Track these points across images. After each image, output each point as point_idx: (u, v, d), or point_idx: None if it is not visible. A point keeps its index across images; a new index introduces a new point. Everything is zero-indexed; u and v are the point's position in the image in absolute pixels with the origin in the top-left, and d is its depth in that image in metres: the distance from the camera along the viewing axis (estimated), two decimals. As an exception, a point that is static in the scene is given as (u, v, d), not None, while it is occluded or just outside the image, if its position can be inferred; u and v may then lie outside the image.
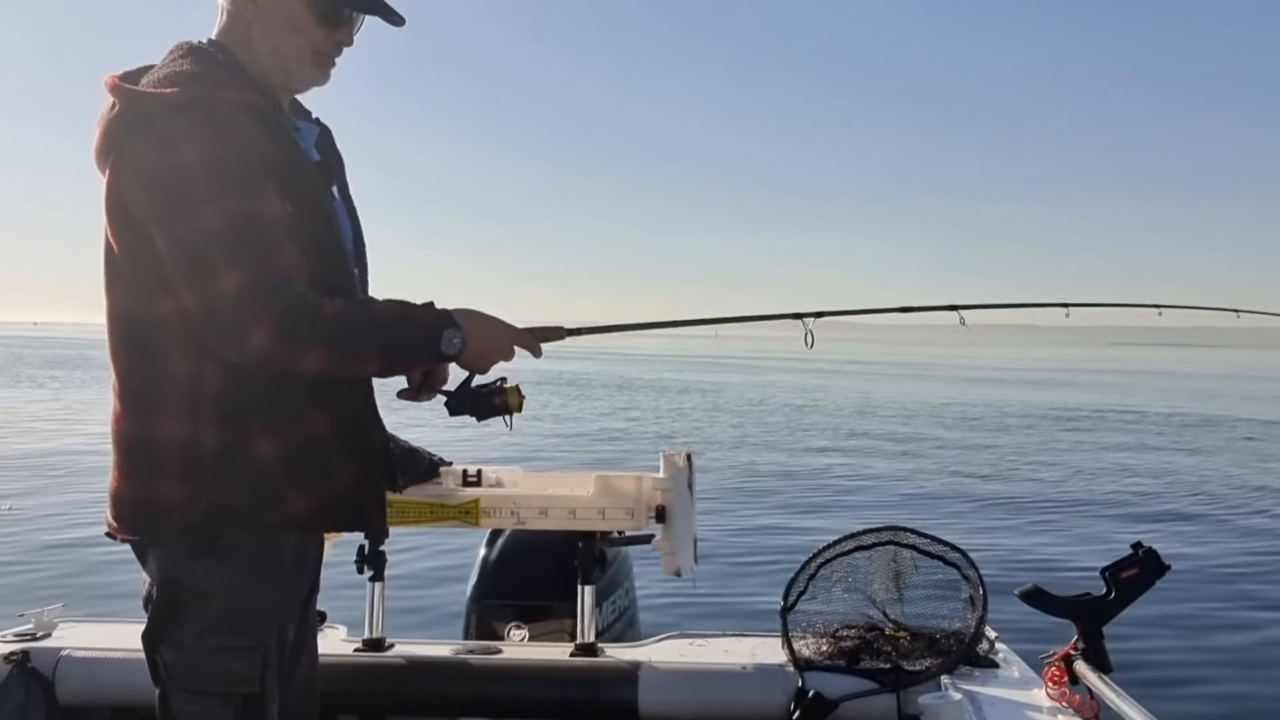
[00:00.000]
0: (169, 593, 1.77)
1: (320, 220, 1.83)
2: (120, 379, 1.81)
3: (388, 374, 1.88)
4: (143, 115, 1.73)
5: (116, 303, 1.80)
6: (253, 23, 1.85)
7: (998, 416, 25.20)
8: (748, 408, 26.28)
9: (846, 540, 2.69)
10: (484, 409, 2.01)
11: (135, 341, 1.78)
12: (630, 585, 3.28)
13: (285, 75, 1.88)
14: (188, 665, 1.77)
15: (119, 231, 1.76)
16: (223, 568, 1.76)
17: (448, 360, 1.91)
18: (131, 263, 1.76)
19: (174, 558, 1.77)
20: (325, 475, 1.84)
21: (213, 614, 1.76)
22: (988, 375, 39.31)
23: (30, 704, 2.51)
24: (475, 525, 2.65)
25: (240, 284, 1.66)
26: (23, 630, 2.68)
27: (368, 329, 1.77)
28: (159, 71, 1.79)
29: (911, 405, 28.03)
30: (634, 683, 2.50)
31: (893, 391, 34.95)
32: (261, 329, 1.66)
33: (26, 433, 17.28)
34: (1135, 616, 2.42)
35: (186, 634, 1.76)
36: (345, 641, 2.74)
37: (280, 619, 1.84)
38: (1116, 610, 2.35)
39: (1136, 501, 12.41)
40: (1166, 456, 17.38)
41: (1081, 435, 20.76)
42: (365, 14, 1.92)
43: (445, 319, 1.85)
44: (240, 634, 1.78)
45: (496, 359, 1.95)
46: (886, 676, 2.46)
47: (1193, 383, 42.79)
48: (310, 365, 1.73)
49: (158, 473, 1.76)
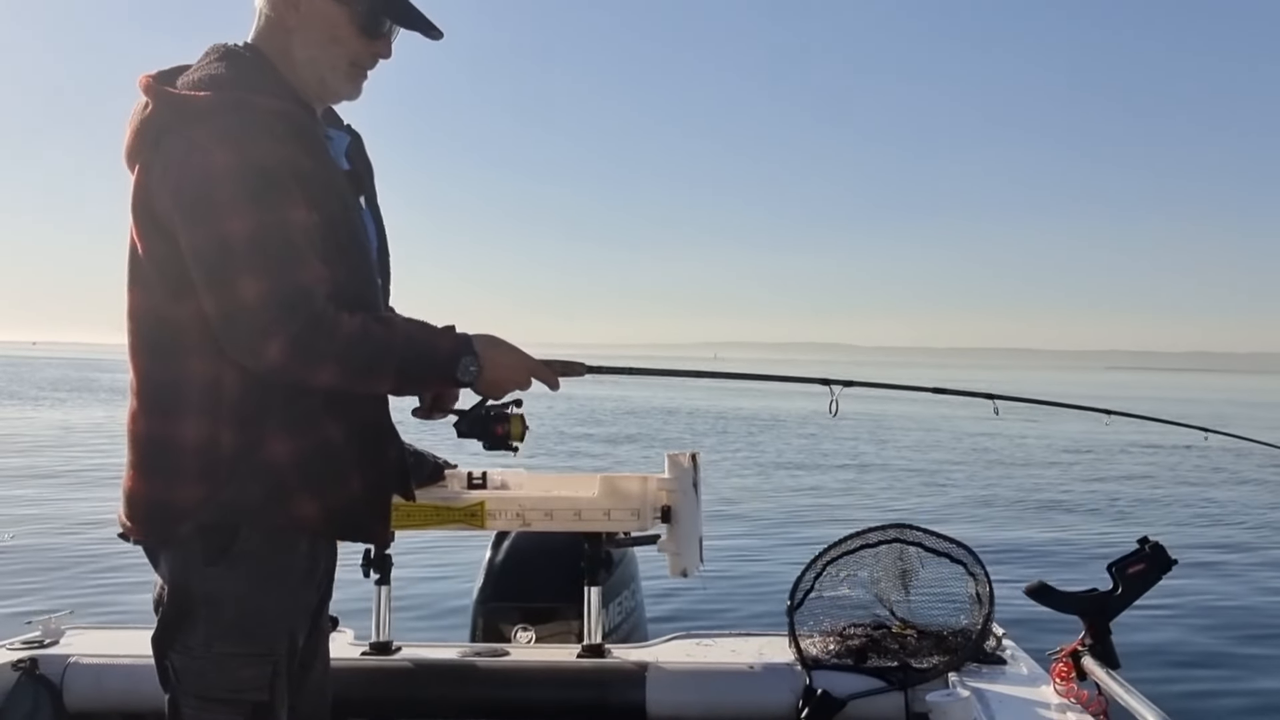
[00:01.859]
0: (180, 597, 1.77)
1: (346, 231, 1.82)
2: (139, 379, 1.81)
3: (400, 394, 1.88)
4: (176, 116, 1.72)
5: (138, 303, 1.80)
6: (294, 30, 1.84)
7: (996, 420, 25.16)
8: (756, 419, 26.27)
9: (853, 539, 2.69)
10: (490, 438, 1.99)
11: (156, 342, 1.78)
12: (637, 586, 3.27)
13: (321, 86, 1.87)
14: (197, 671, 1.76)
15: (144, 232, 1.76)
16: (234, 574, 1.75)
17: (462, 386, 1.90)
18: (155, 264, 1.75)
19: (186, 562, 1.77)
20: (336, 482, 1.83)
21: (223, 620, 1.75)
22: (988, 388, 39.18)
23: (38, 711, 2.51)
24: (481, 528, 2.65)
25: (260, 294, 1.66)
26: (31, 637, 2.68)
27: (385, 349, 1.76)
28: (194, 74, 1.78)
29: (916, 416, 28.01)
30: (642, 683, 2.50)
31: (895, 407, 34.93)
32: (277, 341, 1.66)
33: (34, 445, 17.31)
34: (1142, 610, 2.41)
35: (196, 640, 1.76)
36: (352, 645, 2.74)
37: (291, 626, 1.83)
38: (1124, 605, 2.34)
39: (1142, 498, 12.39)
40: (1171, 459, 17.36)
41: (1085, 438, 20.74)
42: (405, 28, 1.91)
43: (464, 346, 1.84)
44: (251, 641, 1.77)
45: (511, 389, 1.94)
46: (894, 675, 2.46)
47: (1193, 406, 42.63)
48: (323, 380, 1.73)
49: (175, 473, 1.76)
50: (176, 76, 1.79)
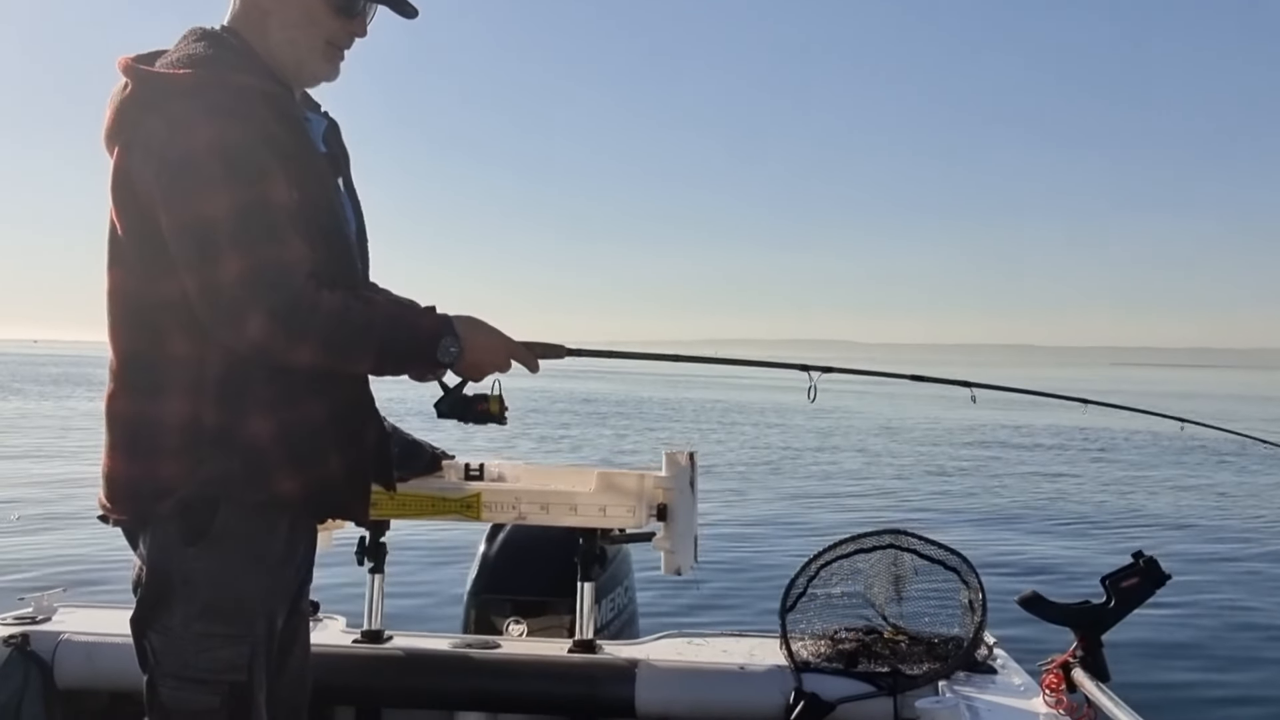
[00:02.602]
0: (158, 578, 1.77)
1: (326, 212, 1.83)
2: (120, 359, 1.80)
3: (380, 374, 1.87)
4: (157, 95, 1.72)
5: (119, 284, 1.80)
6: (270, 12, 1.85)
7: (994, 428, 25.19)
8: (750, 414, 26.28)
9: (847, 543, 2.69)
10: (470, 414, 2.00)
11: (137, 322, 1.78)
12: (630, 583, 3.28)
13: (299, 67, 1.88)
14: (175, 651, 1.76)
15: (124, 212, 1.76)
16: (211, 554, 1.75)
17: (442, 367, 1.90)
18: (136, 244, 1.75)
19: (165, 542, 1.76)
20: (315, 459, 1.83)
21: (201, 601, 1.75)
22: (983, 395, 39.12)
23: (29, 687, 2.52)
24: (477, 519, 2.65)
25: (241, 271, 1.66)
26: (23, 614, 2.69)
27: (366, 328, 1.76)
28: (173, 54, 1.79)
29: (910, 418, 28.00)
30: (631, 680, 2.50)
31: (887, 409, 34.92)
32: (257, 318, 1.66)
33: (33, 430, 17.32)
34: (1135, 625, 2.42)
35: (174, 620, 1.75)
36: (344, 633, 2.75)
37: (270, 608, 1.83)
38: (1116, 619, 2.34)
39: (1138, 511, 12.39)
40: (1174, 470, 17.36)
41: (1084, 446, 20.74)
42: (379, 4, 1.92)
43: (445, 326, 1.85)
44: (228, 622, 1.77)
45: (491, 370, 1.94)
46: (884, 680, 2.46)
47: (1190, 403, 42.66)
48: (304, 358, 1.73)
49: (156, 452, 1.76)
50: (155, 59, 1.80)
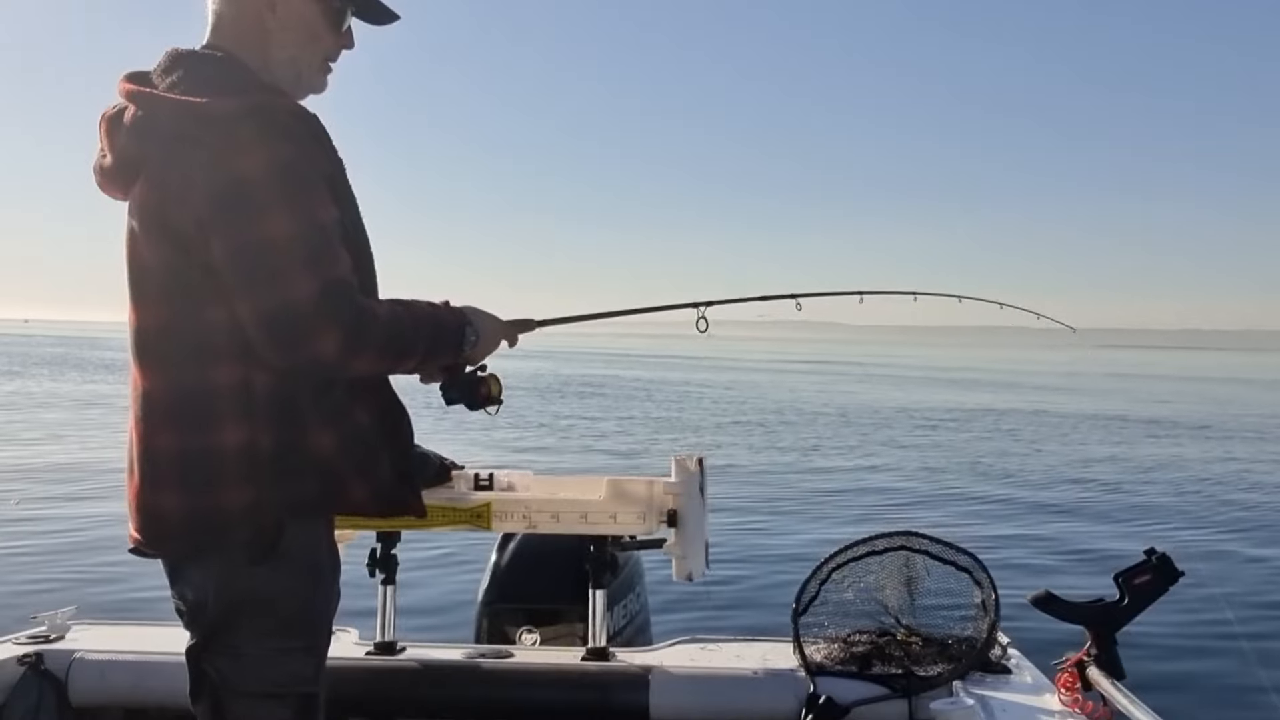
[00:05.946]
0: (224, 603, 1.77)
1: (354, 224, 1.86)
2: (159, 394, 1.79)
3: (412, 372, 1.93)
4: (194, 124, 1.71)
5: (154, 317, 1.79)
6: (272, 31, 1.86)
7: (994, 418, 25.17)
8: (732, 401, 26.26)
9: (859, 545, 2.68)
10: (475, 399, 2.07)
11: (180, 354, 1.76)
12: (642, 589, 3.27)
13: (296, 83, 1.90)
14: (248, 670, 1.78)
15: (158, 244, 1.75)
16: (279, 572, 1.77)
17: (464, 358, 2.00)
18: (174, 275, 1.75)
19: (231, 566, 1.77)
20: (375, 463, 1.88)
21: (274, 618, 1.78)
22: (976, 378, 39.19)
23: (43, 705, 2.52)
24: (487, 529, 2.65)
25: (314, 291, 1.66)
26: (36, 632, 2.69)
27: (414, 331, 1.84)
28: (189, 79, 1.77)
29: (910, 406, 27.97)
30: (645, 687, 2.50)
31: (884, 395, 34.86)
32: (333, 335, 1.68)
33: (39, 439, 17.36)
34: (1149, 621, 2.41)
35: (244, 639, 1.77)
36: (357, 645, 2.75)
37: (329, 618, 1.89)
38: (1130, 616, 2.33)
39: (1151, 506, 12.34)
40: (1183, 461, 17.29)
41: (1092, 439, 20.68)
42: (365, 21, 1.97)
43: (464, 318, 1.96)
44: (298, 635, 1.81)
45: (492, 351, 2.06)
46: (898, 682, 2.45)
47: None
48: (362, 368, 1.78)
49: (215, 482, 1.75)
50: (147, 79, 1.80)
